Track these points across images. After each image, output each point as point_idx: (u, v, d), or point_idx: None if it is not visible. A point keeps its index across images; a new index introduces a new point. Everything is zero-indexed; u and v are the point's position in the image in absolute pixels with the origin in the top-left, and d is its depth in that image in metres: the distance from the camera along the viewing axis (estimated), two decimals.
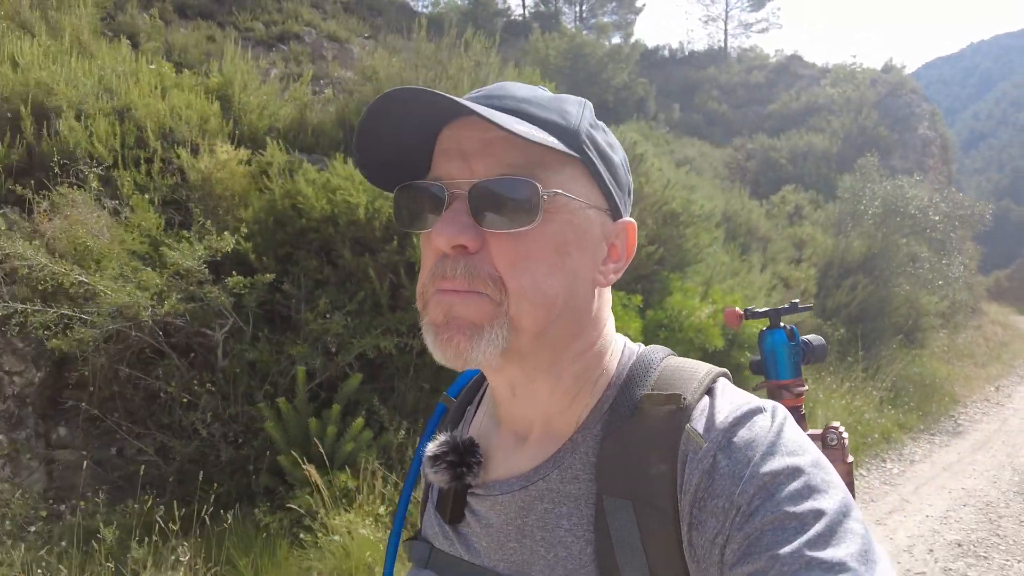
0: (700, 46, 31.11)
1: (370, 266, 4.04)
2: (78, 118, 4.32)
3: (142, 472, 3.36)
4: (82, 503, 3.17)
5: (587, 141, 0.61)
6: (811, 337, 1.31)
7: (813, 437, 1.14)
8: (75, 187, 4.00)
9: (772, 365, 1.28)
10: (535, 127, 0.57)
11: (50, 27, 5.25)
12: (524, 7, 28.41)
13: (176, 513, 2.92)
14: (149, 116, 4.65)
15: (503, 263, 0.57)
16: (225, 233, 3.63)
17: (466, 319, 0.57)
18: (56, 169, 3.92)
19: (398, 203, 0.63)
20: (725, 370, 0.65)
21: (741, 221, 8.58)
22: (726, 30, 31.05)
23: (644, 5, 29.51)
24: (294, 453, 3.24)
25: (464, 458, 0.67)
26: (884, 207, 9.48)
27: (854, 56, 22.47)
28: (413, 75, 6.12)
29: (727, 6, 31.04)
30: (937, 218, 9.40)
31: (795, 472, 0.52)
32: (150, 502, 3.08)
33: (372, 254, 4.13)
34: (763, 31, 31.76)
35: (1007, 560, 3.74)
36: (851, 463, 1.14)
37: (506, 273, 0.57)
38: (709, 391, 0.61)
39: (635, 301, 4.84)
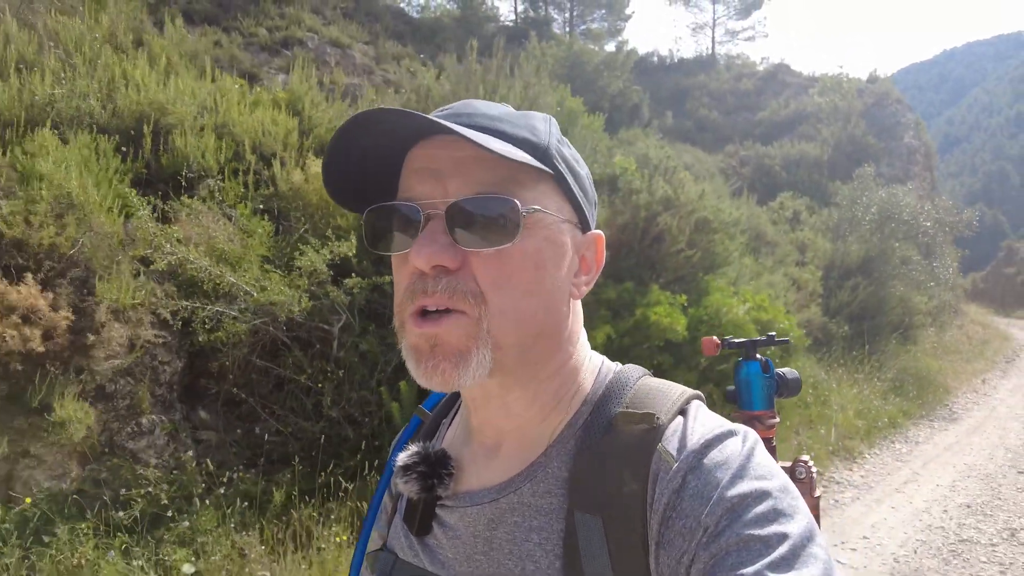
0: (688, 53, 32.02)
1: None
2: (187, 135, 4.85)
3: (283, 447, 3.92)
4: (239, 473, 3.71)
5: (557, 156, 0.62)
6: (785, 371, 1.35)
7: (782, 469, 1.27)
8: (192, 197, 4.54)
9: (746, 396, 1.32)
10: (508, 144, 0.58)
11: (141, 48, 5.75)
12: (516, 13, 29.08)
13: (331, 480, 3.50)
14: (246, 132, 5.19)
15: (485, 281, 0.58)
16: (352, 239, 4.19)
17: (452, 346, 0.58)
18: (183, 182, 4.46)
19: (370, 225, 0.63)
20: (699, 392, 0.67)
21: (751, 226, 9.33)
22: (713, 37, 31.97)
23: (633, 12, 30.28)
24: None
25: (435, 469, 0.67)
26: (880, 214, 10.31)
27: (840, 66, 23.39)
28: (465, 96, 6.71)
29: (714, 14, 32.00)
30: (928, 224, 10.28)
31: (762, 496, 0.54)
32: (320, 472, 3.65)
33: None
34: (750, 39, 32.72)
35: (1009, 516, 4.46)
36: (818, 497, 1.17)
37: (488, 291, 0.58)
38: (683, 412, 0.62)
39: (680, 300, 5.50)
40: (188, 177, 4.52)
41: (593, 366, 0.68)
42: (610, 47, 26.87)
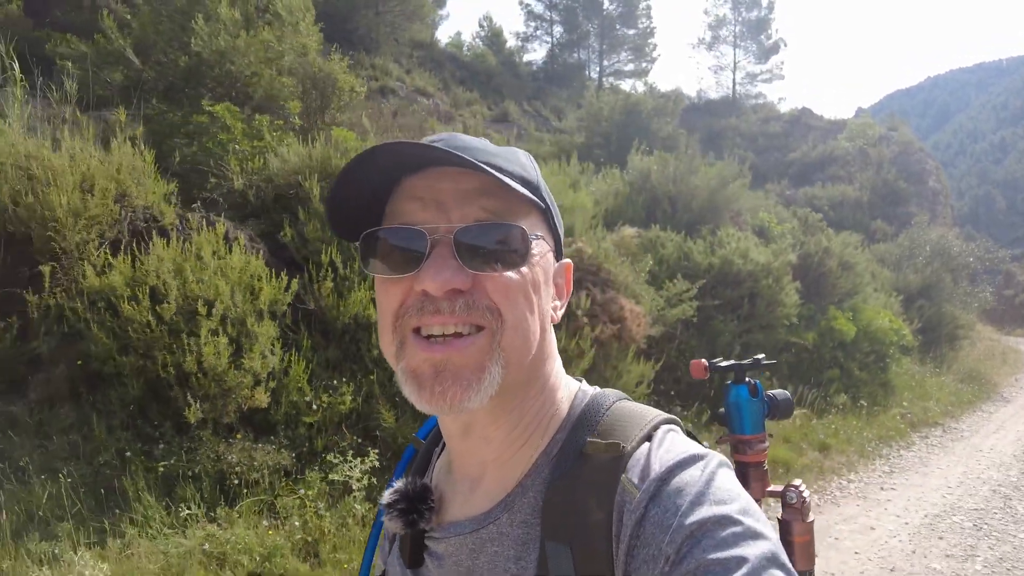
0: (710, 93, 35.89)
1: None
2: None
3: None
4: None
5: (544, 190, 0.72)
6: (777, 392, 1.41)
7: (773, 494, 1.28)
8: None
9: (736, 420, 1.37)
10: (512, 179, 0.65)
11: None
12: (553, 54, 32.87)
13: None
14: None
15: (499, 296, 0.65)
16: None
17: (463, 367, 0.64)
18: None
19: (368, 248, 0.68)
20: (672, 416, 0.72)
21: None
22: (734, 79, 35.93)
23: (659, 55, 34.13)
24: None
25: (415, 505, 0.74)
26: (932, 251, 13.90)
27: (866, 115, 27.33)
28: None
29: (735, 57, 36.03)
30: (972, 259, 13.89)
31: (721, 520, 0.57)
32: None
33: None
34: (767, 81, 36.74)
35: None
36: (811, 522, 1.21)
37: (502, 305, 0.65)
38: (649, 437, 0.67)
39: (847, 315, 8.87)
40: None
41: (570, 391, 0.75)
42: (640, 87, 30.47)
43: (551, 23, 33.50)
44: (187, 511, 3.70)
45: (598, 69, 33.29)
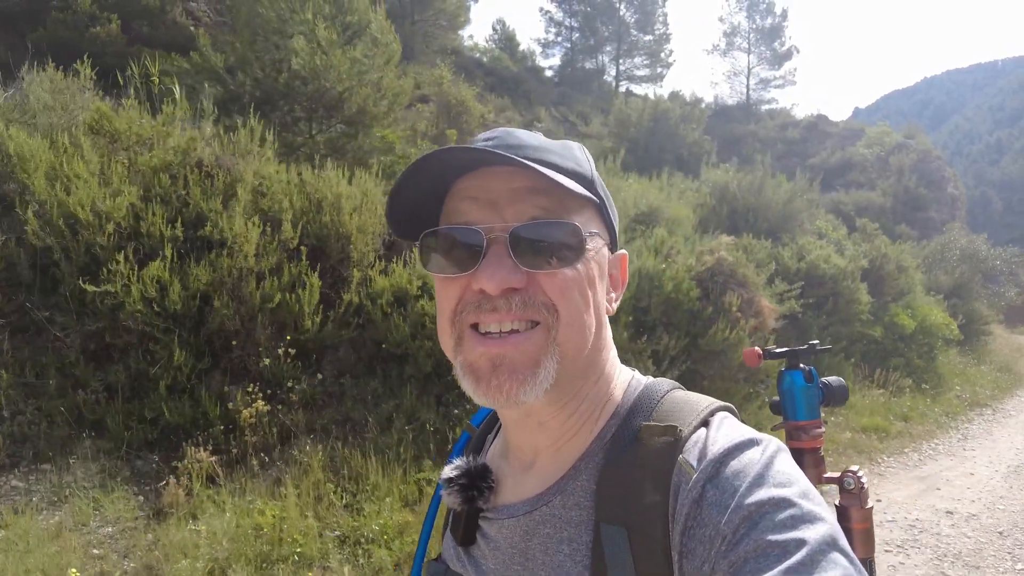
0: (725, 98, 37.50)
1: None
2: None
3: None
4: None
5: (599, 185, 0.75)
6: (831, 379, 1.41)
7: (830, 480, 1.28)
8: None
9: (790, 406, 1.37)
10: (563, 175, 0.68)
11: None
12: (572, 53, 34.42)
13: None
14: None
15: (555, 293, 0.68)
16: None
17: (519, 362, 0.67)
18: None
19: (426, 248, 0.72)
20: (727, 404, 0.74)
21: None
22: (748, 84, 37.58)
23: (675, 61, 35.70)
24: None
25: (475, 482, 0.78)
26: (961, 255, 15.59)
27: (884, 125, 29.04)
28: None
29: (749, 64, 37.70)
30: (999, 263, 15.58)
31: (781, 503, 0.58)
32: None
33: None
34: (780, 87, 38.30)
35: None
36: (870, 508, 1.19)
37: (558, 301, 0.68)
38: (706, 423, 0.69)
39: (906, 311, 10.45)
40: None
41: (623, 379, 0.78)
42: (661, 91, 31.85)
43: (571, 30, 35.00)
44: None
45: (614, 73, 34.81)
